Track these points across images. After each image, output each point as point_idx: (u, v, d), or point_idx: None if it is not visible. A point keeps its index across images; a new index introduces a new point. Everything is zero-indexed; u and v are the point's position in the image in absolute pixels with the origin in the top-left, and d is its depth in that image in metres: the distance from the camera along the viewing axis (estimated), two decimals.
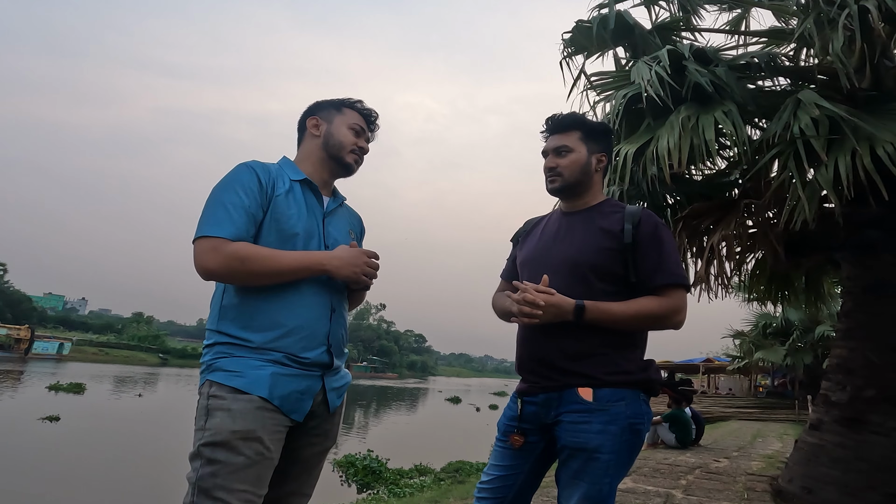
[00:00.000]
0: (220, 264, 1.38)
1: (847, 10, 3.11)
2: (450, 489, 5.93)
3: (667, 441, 8.02)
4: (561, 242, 1.68)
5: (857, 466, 3.81)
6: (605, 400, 1.51)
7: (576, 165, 1.70)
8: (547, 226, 1.79)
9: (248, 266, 1.39)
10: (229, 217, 1.41)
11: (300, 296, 1.46)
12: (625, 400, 1.53)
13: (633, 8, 4.70)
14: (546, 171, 1.73)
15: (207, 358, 1.43)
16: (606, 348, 1.56)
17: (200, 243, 1.40)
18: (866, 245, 4.15)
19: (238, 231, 1.41)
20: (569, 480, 1.52)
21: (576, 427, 1.51)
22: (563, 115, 1.75)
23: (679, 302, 1.57)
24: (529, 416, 1.61)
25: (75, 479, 8.94)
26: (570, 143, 1.71)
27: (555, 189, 1.72)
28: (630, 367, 1.57)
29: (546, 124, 1.76)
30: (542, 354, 1.60)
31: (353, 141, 1.64)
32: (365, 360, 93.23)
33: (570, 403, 1.53)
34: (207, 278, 1.43)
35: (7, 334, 51.58)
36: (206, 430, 1.33)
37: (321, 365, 1.48)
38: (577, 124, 1.73)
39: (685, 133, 3.60)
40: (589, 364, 1.54)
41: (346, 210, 1.73)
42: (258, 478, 1.33)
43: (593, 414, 1.50)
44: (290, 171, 1.59)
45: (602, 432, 1.48)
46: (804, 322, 18.73)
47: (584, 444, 1.49)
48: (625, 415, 1.51)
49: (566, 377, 1.55)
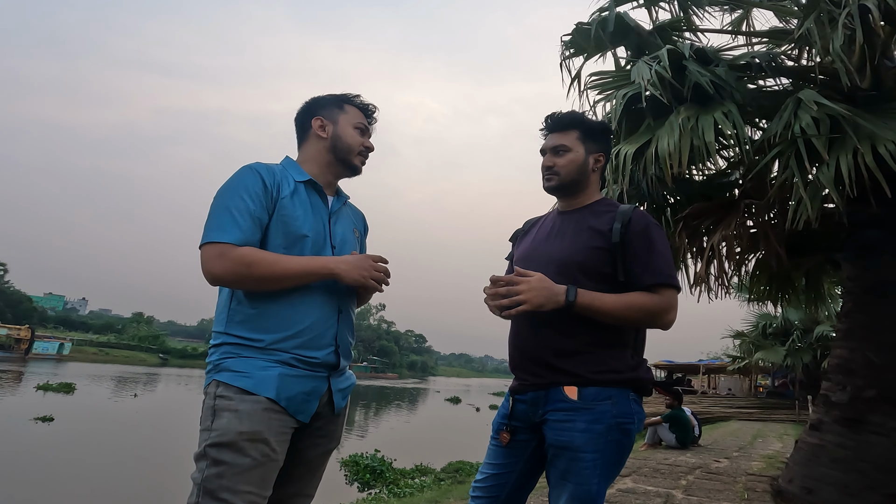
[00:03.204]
0: (227, 270, 1.38)
1: (847, 9, 3.11)
2: (450, 489, 5.93)
3: (667, 441, 8.02)
4: (552, 241, 1.70)
5: (857, 467, 3.81)
6: (590, 399, 1.50)
7: (573, 165, 1.70)
8: (543, 225, 1.80)
9: (254, 271, 1.39)
10: (235, 222, 1.41)
11: (309, 297, 1.46)
12: (612, 399, 1.52)
13: (634, 10, 4.70)
14: (543, 169, 1.73)
15: (214, 358, 1.43)
16: (594, 346, 1.55)
17: (207, 249, 1.40)
18: (867, 245, 4.15)
19: (244, 236, 1.41)
20: (557, 480, 1.52)
21: (560, 426, 1.51)
22: (563, 113, 1.75)
23: (670, 301, 1.54)
24: (520, 415, 1.62)
25: (61, 482, 8.90)
26: (568, 143, 1.71)
27: (551, 187, 1.73)
28: (618, 366, 1.55)
29: (545, 122, 1.77)
30: (532, 350, 1.61)
31: (360, 142, 1.63)
32: (365, 361, 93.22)
33: (555, 402, 1.53)
34: (215, 284, 1.43)
35: (7, 334, 51.58)
36: (213, 430, 1.33)
37: (328, 366, 1.48)
38: (576, 123, 1.73)
39: (685, 134, 3.59)
40: (575, 362, 1.54)
41: (350, 209, 1.73)
42: (263, 479, 1.33)
43: (578, 413, 1.50)
44: (294, 171, 1.58)
45: (586, 431, 1.48)
46: (804, 322, 18.73)
47: (568, 442, 1.49)
48: (611, 413, 1.50)
49: (553, 374, 1.55)
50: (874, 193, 3.33)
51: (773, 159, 3.64)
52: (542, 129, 1.78)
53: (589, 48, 4.67)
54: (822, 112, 3.30)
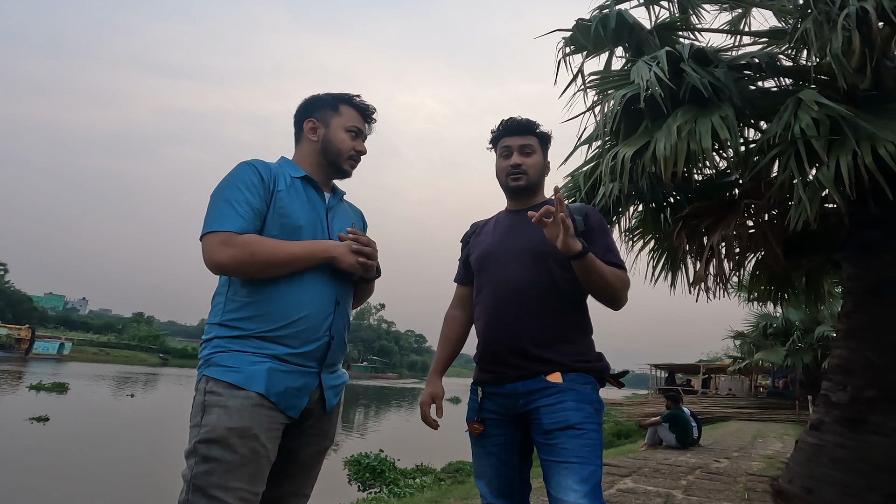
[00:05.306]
0: (231, 257, 1.38)
1: (846, 10, 3.10)
2: (450, 489, 5.92)
3: (667, 441, 8.02)
4: (519, 235, 1.73)
5: (857, 467, 3.80)
6: (574, 381, 1.57)
7: (538, 166, 1.79)
8: (497, 224, 1.85)
9: (257, 257, 1.40)
10: (236, 212, 1.42)
11: (306, 286, 1.47)
12: (589, 384, 1.60)
13: (634, 8, 4.70)
14: (511, 167, 1.76)
15: (205, 353, 1.43)
16: (571, 333, 1.64)
17: (209, 238, 1.41)
18: (867, 245, 4.14)
19: (245, 225, 1.42)
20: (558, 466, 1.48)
21: (553, 409, 1.53)
22: (523, 118, 1.80)
23: (628, 281, 1.68)
24: (496, 407, 1.65)
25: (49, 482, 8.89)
26: (534, 145, 1.78)
27: (518, 187, 1.77)
28: (590, 356, 1.65)
29: (505, 126, 1.80)
30: (510, 342, 1.62)
31: (350, 146, 1.62)
32: (365, 361, 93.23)
33: (542, 390, 1.56)
34: (218, 272, 1.43)
35: (8, 334, 51.62)
36: (202, 426, 1.32)
37: (321, 358, 1.47)
38: (535, 130, 1.79)
39: (682, 139, 3.59)
40: (556, 351, 1.59)
41: (346, 205, 1.73)
42: (254, 475, 1.32)
43: (566, 393, 1.55)
44: (290, 169, 1.59)
45: (579, 410, 1.53)
46: (805, 322, 18.71)
47: (565, 420, 1.51)
48: (592, 397, 1.58)
49: (535, 364, 1.59)
50: (874, 194, 3.33)
51: (773, 160, 3.64)
52: (498, 133, 1.81)
53: (589, 46, 4.67)
54: (822, 113, 3.30)
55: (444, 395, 1.81)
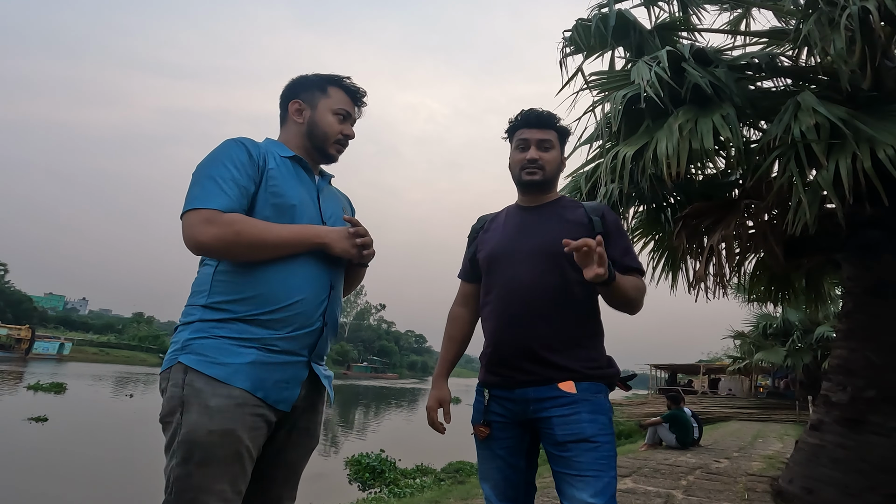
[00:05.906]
0: (214, 236, 1.28)
1: (847, 10, 3.10)
2: (450, 489, 5.92)
3: (667, 441, 8.02)
4: (530, 234, 1.67)
5: (857, 467, 3.80)
6: (587, 391, 1.53)
7: (555, 163, 1.72)
8: (507, 220, 1.76)
9: (242, 238, 1.30)
10: (220, 189, 1.33)
11: (300, 269, 1.39)
12: (602, 393, 1.56)
13: (634, 8, 4.70)
14: (527, 161, 1.69)
15: (184, 335, 1.32)
16: (583, 338, 1.59)
17: (190, 216, 1.31)
18: (867, 246, 4.14)
19: (231, 203, 1.33)
20: (571, 478, 1.46)
21: (566, 419, 1.49)
22: (545, 111, 1.73)
23: (645, 288, 1.63)
24: (503, 411, 1.60)
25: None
26: (553, 140, 1.71)
27: (534, 182, 1.69)
28: (602, 362, 1.61)
29: (524, 118, 1.72)
30: (520, 345, 1.57)
31: (337, 130, 1.55)
32: (365, 361, 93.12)
33: (555, 398, 1.52)
34: (199, 252, 1.34)
35: (8, 334, 51.54)
36: (182, 425, 1.24)
37: (312, 345, 1.40)
38: (555, 124, 1.73)
39: (683, 138, 3.59)
40: (567, 356, 1.55)
41: (334, 189, 1.68)
42: (236, 476, 1.26)
43: (579, 404, 1.50)
44: (278, 148, 1.52)
45: (593, 422, 1.49)
46: (804, 323, 18.71)
47: (579, 433, 1.47)
48: (605, 407, 1.54)
49: (546, 370, 1.54)
50: (871, 197, 3.33)
51: (773, 161, 3.64)
52: (516, 123, 1.74)
53: (589, 45, 4.67)
54: (821, 116, 3.30)
55: (451, 398, 1.76)
